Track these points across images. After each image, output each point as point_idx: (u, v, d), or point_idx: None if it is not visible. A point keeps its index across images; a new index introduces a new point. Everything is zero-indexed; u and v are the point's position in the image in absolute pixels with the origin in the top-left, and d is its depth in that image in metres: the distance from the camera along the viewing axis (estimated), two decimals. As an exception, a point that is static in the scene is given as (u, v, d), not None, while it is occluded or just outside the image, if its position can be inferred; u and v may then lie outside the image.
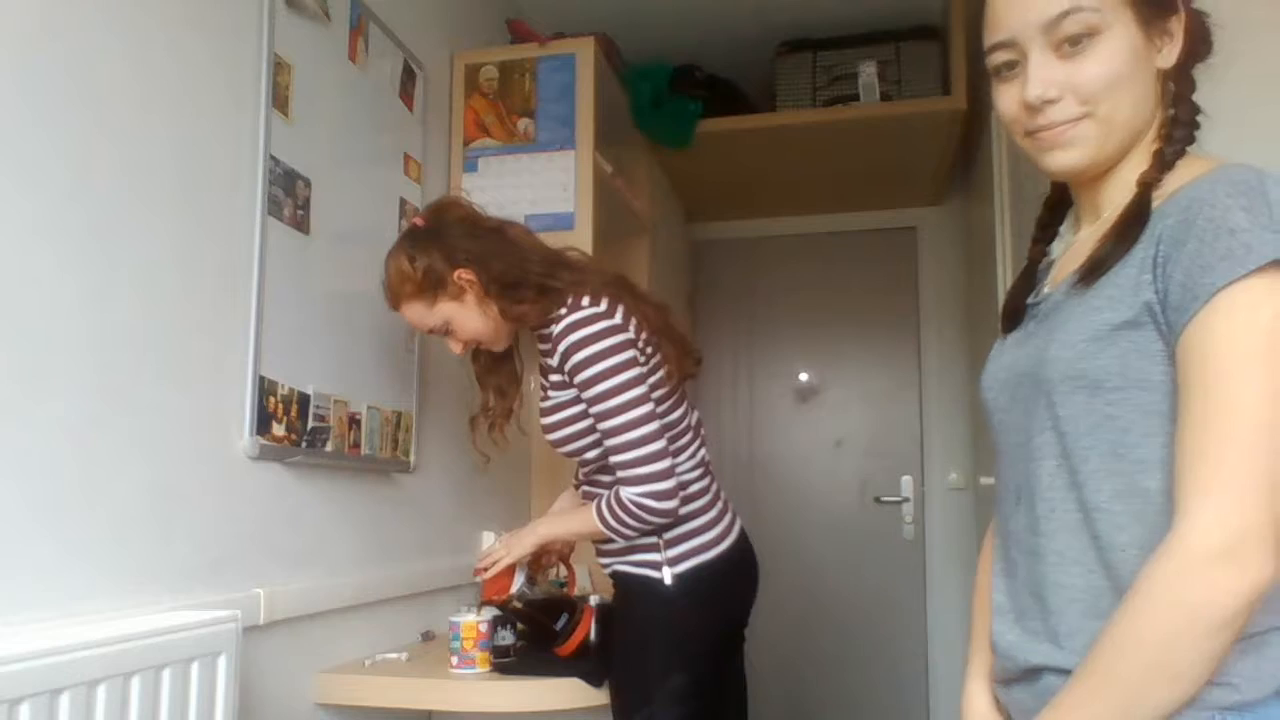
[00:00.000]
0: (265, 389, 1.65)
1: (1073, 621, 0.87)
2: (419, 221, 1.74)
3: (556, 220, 2.42)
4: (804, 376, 4.07)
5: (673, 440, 1.65)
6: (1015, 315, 1.04)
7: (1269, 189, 0.81)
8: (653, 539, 1.64)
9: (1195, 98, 0.96)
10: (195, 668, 1.28)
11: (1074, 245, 1.01)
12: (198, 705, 1.27)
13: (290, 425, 1.72)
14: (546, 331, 1.66)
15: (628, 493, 1.57)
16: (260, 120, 1.67)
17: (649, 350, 1.64)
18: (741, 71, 3.35)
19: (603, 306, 1.61)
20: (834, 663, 3.85)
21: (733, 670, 1.79)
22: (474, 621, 1.80)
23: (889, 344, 3.96)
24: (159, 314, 1.43)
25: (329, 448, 1.84)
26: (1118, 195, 0.94)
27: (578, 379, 1.59)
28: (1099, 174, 0.95)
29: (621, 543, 1.66)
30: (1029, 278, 1.06)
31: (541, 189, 2.45)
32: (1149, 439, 0.83)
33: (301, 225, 1.78)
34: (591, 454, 1.65)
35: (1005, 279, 2.62)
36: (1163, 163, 0.91)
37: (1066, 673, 0.84)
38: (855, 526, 3.89)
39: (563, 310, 1.61)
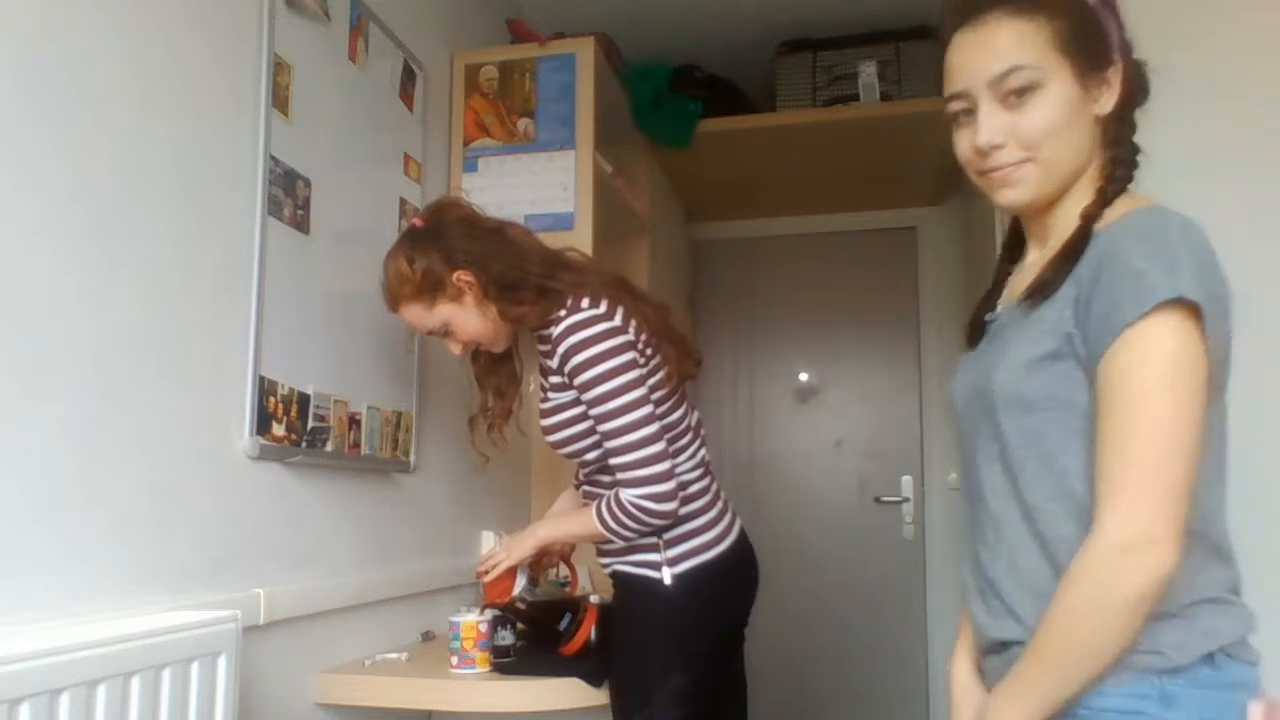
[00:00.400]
0: (265, 389, 1.65)
1: (1026, 601, 1.01)
2: (418, 222, 1.74)
3: (556, 220, 2.42)
4: (804, 376, 4.07)
5: (673, 441, 1.65)
6: (977, 330, 1.18)
7: (1171, 234, 0.95)
8: (653, 539, 1.64)
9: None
10: (195, 668, 1.28)
11: (1024, 269, 1.14)
12: (198, 705, 1.27)
13: (290, 425, 1.72)
14: (546, 333, 1.65)
15: (627, 494, 1.57)
16: (260, 120, 1.67)
17: (649, 352, 1.64)
18: (741, 71, 3.35)
19: (602, 308, 1.61)
20: (834, 662, 3.85)
21: (732, 670, 1.79)
22: (474, 621, 1.80)
23: (889, 344, 3.96)
24: (159, 314, 1.43)
25: (329, 448, 1.84)
26: (1063, 225, 1.06)
27: (577, 380, 1.59)
28: (1045, 206, 1.09)
29: (621, 543, 1.66)
30: (993, 295, 1.19)
31: (541, 189, 2.45)
32: (1074, 451, 0.98)
33: (301, 225, 1.78)
34: (591, 455, 1.65)
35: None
36: (1104, 199, 1.03)
37: (1011, 644, 1.02)
38: (855, 526, 3.89)
39: (562, 312, 1.61)
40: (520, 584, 1.75)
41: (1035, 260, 1.11)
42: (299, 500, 1.77)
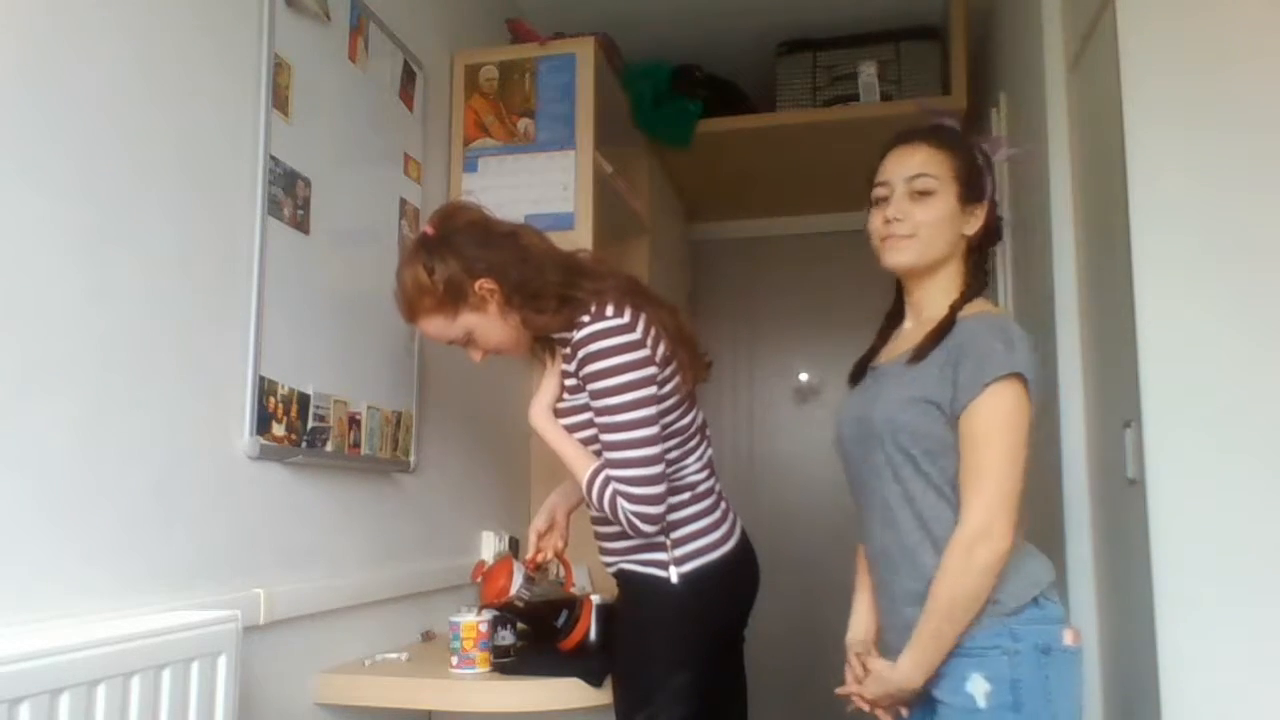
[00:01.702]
0: (265, 389, 1.65)
1: (914, 566, 1.44)
2: (429, 230, 1.68)
3: (556, 220, 2.42)
4: (804, 376, 4.07)
5: (683, 444, 1.66)
6: (860, 374, 1.63)
7: (1011, 332, 1.41)
8: (660, 538, 1.65)
9: None
10: (195, 668, 1.28)
11: (902, 334, 1.58)
12: (198, 705, 1.28)
13: (290, 425, 1.72)
14: (567, 336, 1.62)
15: (621, 504, 1.58)
16: (260, 120, 1.67)
17: (667, 360, 1.63)
18: (741, 71, 3.35)
19: (626, 317, 1.58)
20: (833, 661, 3.84)
21: (733, 670, 1.79)
22: (474, 621, 1.80)
23: (889, 344, 3.96)
24: (159, 314, 1.43)
25: (329, 448, 1.84)
26: (930, 303, 1.52)
27: (590, 386, 1.58)
28: (919, 279, 1.53)
29: (626, 543, 1.66)
30: (876, 348, 1.63)
31: (541, 189, 2.45)
32: (934, 465, 1.43)
33: (301, 225, 1.78)
34: (594, 447, 1.65)
35: (1004, 279, 2.62)
36: (965, 300, 1.49)
37: (914, 593, 1.43)
38: (855, 526, 3.88)
39: (586, 317, 1.58)
40: (517, 582, 1.75)
41: (911, 329, 1.55)
42: (299, 500, 1.77)
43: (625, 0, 2.97)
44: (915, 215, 1.49)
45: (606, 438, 1.58)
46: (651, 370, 1.58)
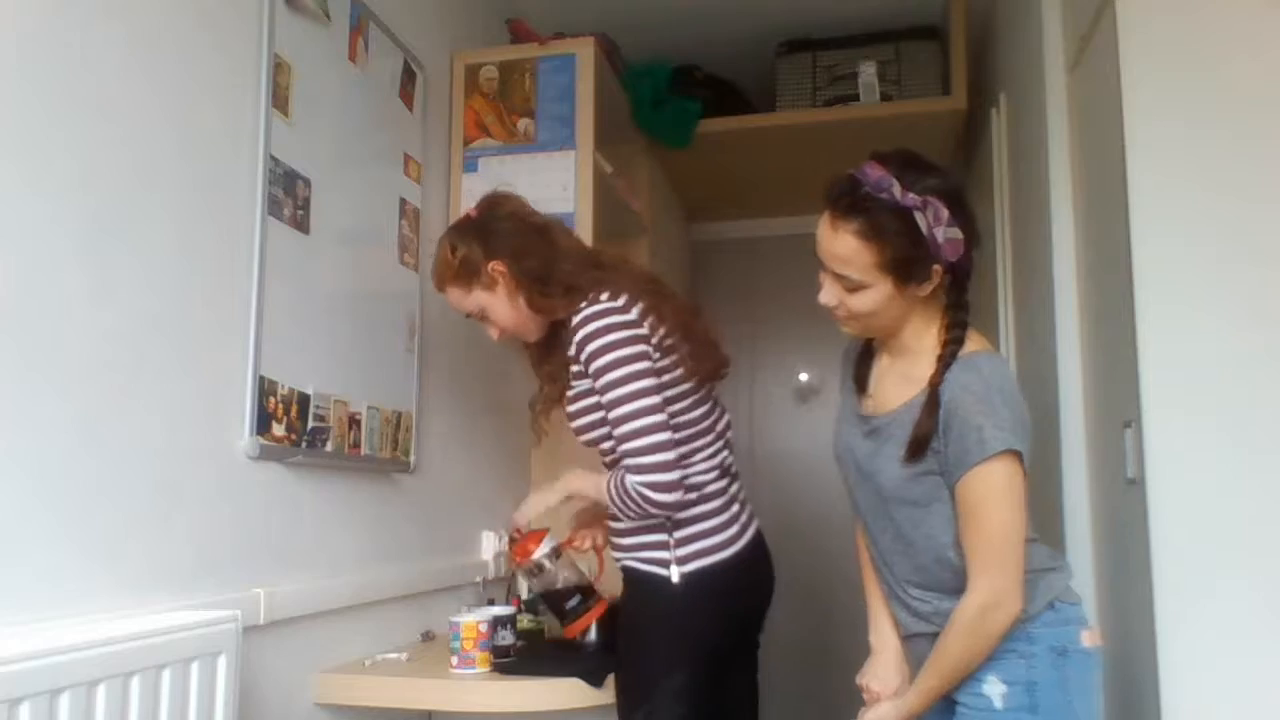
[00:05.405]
0: (265, 389, 1.65)
1: (919, 610, 1.51)
2: (472, 213, 1.82)
3: (556, 220, 2.42)
4: (804, 376, 4.07)
5: (690, 439, 1.68)
6: (860, 381, 1.57)
7: (993, 395, 1.37)
8: (663, 536, 1.65)
9: None
10: (195, 668, 1.28)
11: (885, 371, 1.54)
12: (198, 705, 1.28)
13: (290, 425, 1.72)
14: (568, 322, 1.69)
15: (630, 479, 1.60)
16: (260, 120, 1.67)
17: (667, 345, 1.67)
18: (741, 71, 3.35)
19: (620, 302, 1.66)
20: (835, 663, 3.84)
21: (743, 680, 1.80)
22: (474, 621, 1.80)
23: (889, 344, 3.96)
24: (159, 314, 1.43)
25: (329, 448, 1.84)
26: (904, 345, 1.49)
27: (591, 368, 1.64)
28: (885, 334, 1.50)
29: (627, 522, 1.66)
30: (868, 358, 1.58)
31: (541, 189, 2.45)
32: (941, 529, 1.44)
33: (301, 225, 1.78)
34: (608, 444, 1.68)
35: (1004, 280, 2.62)
36: (945, 367, 1.42)
37: (923, 635, 1.50)
38: (854, 526, 3.88)
39: (584, 304, 1.66)
40: (543, 550, 1.78)
41: (887, 366, 1.53)
42: (299, 500, 1.77)
43: (625, 0, 2.97)
44: (849, 304, 1.44)
45: (611, 414, 1.62)
46: (644, 348, 1.63)
